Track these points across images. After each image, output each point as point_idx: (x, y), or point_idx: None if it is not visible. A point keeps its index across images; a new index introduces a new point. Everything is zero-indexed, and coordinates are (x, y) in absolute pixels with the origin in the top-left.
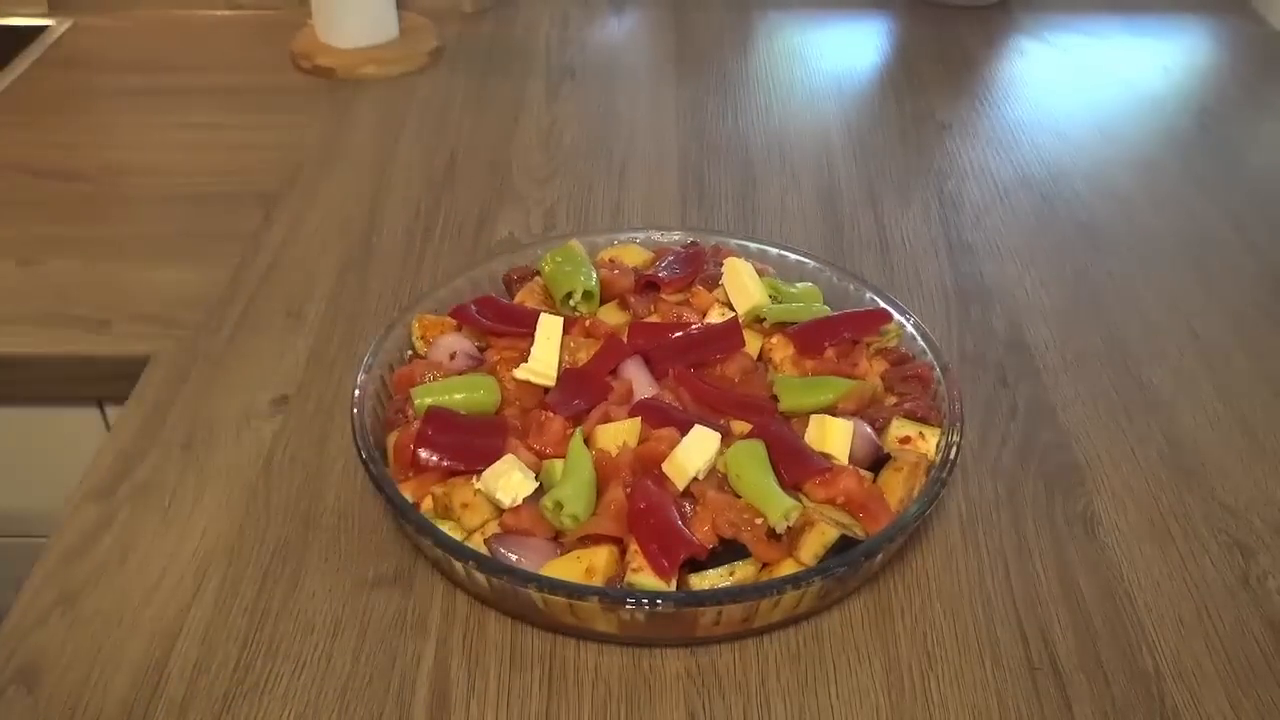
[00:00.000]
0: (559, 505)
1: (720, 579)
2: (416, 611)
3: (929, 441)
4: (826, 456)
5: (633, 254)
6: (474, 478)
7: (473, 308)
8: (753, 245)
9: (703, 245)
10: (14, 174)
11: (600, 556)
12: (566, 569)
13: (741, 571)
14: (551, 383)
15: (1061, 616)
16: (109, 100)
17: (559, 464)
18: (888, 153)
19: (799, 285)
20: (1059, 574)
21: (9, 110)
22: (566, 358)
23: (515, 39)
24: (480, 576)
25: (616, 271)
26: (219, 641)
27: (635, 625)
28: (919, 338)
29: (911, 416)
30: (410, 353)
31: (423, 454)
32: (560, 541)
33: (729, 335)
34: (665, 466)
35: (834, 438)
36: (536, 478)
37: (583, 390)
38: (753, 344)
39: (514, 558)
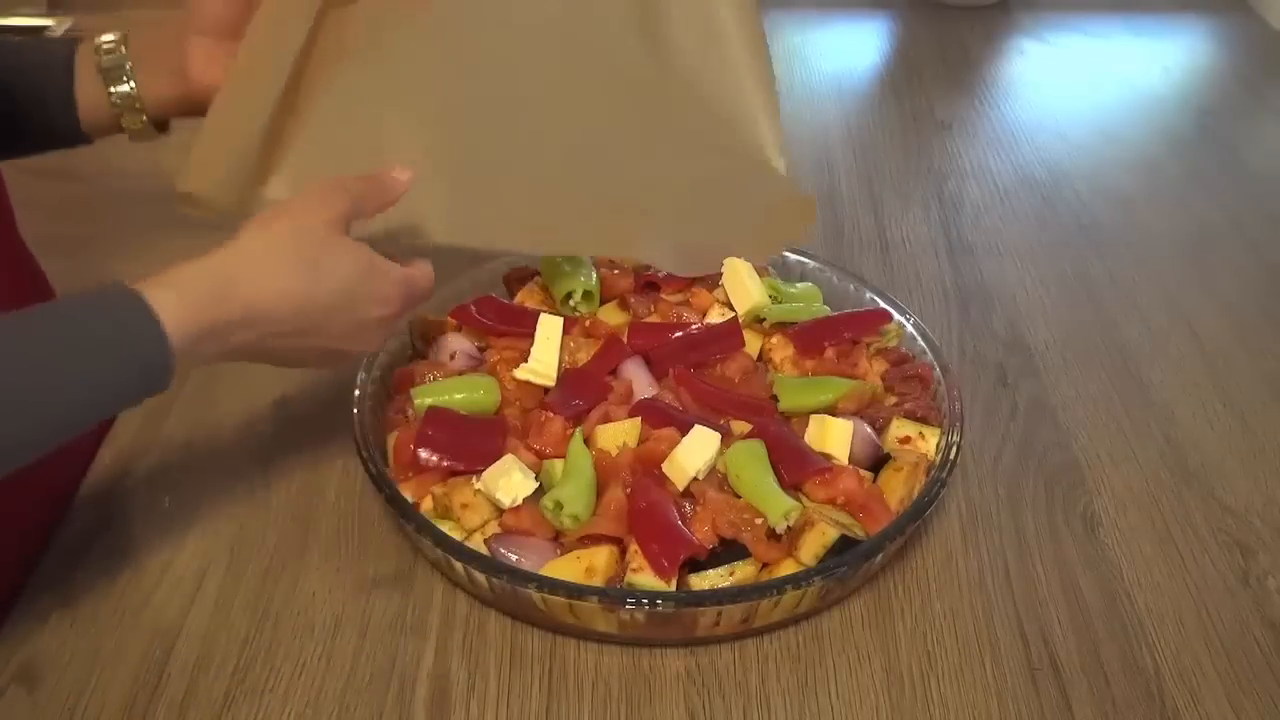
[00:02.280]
0: (559, 505)
1: (720, 579)
2: (416, 611)
3: (929, 441)
4: (826, 456)
5: None
6: (474, 478)
7: (473, 308)
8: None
9: None
10: (13, 174)
11: (600, 556)
12: (566, 569)
13: (741, 571)
14: (551, 383)
15: (1061, 616)
16: None
17: (559, 464)
18: (888, 153)
19: (799, 285)
20: (1059, 574)
21: None
22: (566, 358)
23: None
24: (480, 576)
25: (616, 271)
26: (219, 641)
27: (635, 625)
28: (919, 338)
29: (911, 416)
30: (410, 353)
31: (423, 454)
32: (560, 541)
33: (729, 335)
34: (665, 466)
35: (834, 438)
36: (536, 478)
37: (583, 390)
38: (753, 344)
39: (514, 558)
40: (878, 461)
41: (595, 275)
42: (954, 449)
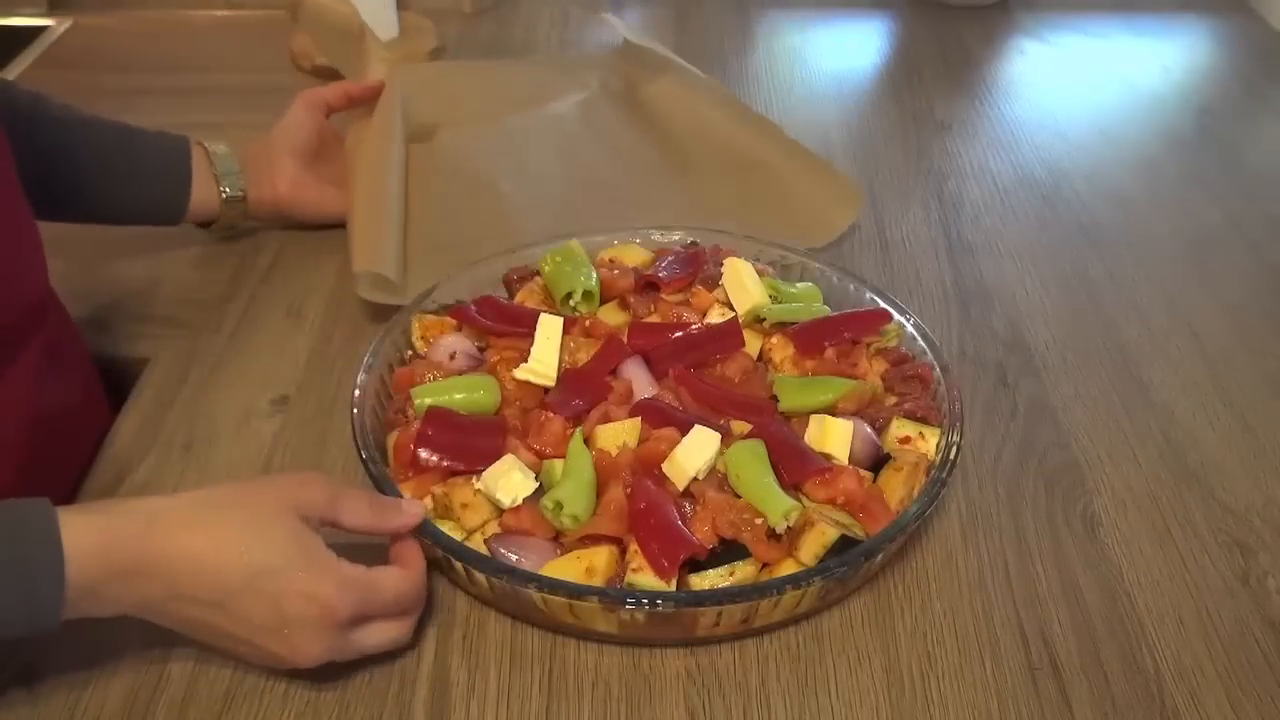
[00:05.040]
0: (559, 505)
1: (720, 579)
2: None
3: (929, 441)
4: (826, 456)
5: (633, 254)
6: (474, 478)
7: (473, 308)
8: (752, 245)
9: (702, 245)
10: None
11: (600, 556)
12: (566, 569)
13: (741, 571)
14: (551, 383)
15: (1061, 616)
16: (109, 100)
17: (559, 464)
18: (888, 153)
19: (799, 285)
20: (1059, 574)
21: None
22: (566, 358)
23: (515, 39)
24: (480, 576)
25: (616, 271)
26: None
27: (635, 625)
28: (919, 338)
29: (911, 416)
30: (410, 353)
31: (423, 454)
32: (560, 541)
33: (729, 335)
34: (665, 466)
35: (834, 438)
36: (536, 478)
37: (583, 390)
38: (753, 344)
39: (514, 558)
40: (878, 461)
41: (595, 275)
42: (954, 449)
